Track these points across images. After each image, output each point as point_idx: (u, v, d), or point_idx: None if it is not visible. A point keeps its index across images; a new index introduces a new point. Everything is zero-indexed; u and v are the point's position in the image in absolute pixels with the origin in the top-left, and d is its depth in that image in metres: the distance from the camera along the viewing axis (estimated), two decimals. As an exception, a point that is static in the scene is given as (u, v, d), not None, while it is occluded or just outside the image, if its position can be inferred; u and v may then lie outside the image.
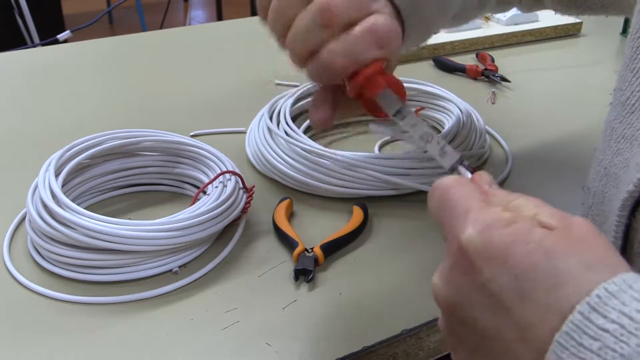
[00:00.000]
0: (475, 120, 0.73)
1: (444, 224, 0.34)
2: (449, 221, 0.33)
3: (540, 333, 0.28)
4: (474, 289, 0.30)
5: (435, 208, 0.35)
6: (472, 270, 0.30)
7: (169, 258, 0.54)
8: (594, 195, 0.47)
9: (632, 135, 0.43)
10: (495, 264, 0.29)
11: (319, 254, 0.55)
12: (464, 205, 0.33)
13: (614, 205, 0.42)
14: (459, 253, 0.31)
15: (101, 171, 0.62)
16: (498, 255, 0.29)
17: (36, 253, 0.55)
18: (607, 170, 0.45)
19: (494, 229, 0.30)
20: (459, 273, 0.31)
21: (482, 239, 0.30)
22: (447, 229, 0.33)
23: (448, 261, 0.33)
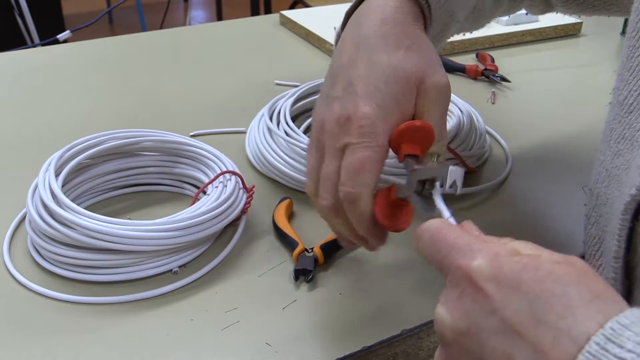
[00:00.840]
0: (475, 121, 0.73)
1: (442, 259, 0.34)
2: (449, 255, 0.34)
3: (554, 354, 0.28)
4: (485, 315, 0.31)
5: (429, 247, 0.36)
6: (482, 297, 0.31)
7: (169, 258, 0.54)
8: (597, 197, 0.47)
9: (632, 135, 0.43)
10: (507, 289, 0.30)
11: (319, 254, 0.55)
12: (464, 240, 0.34)
13: (616, 207, 0.42)
14: (467, 281, 0.32)
15: (101, 171, 0.62)
16: (510, 282, 0.30)
17: (36, 253, 0.55)
18: (609, 172, 0.45)
19: (503, 257, 0.31)
20: (467, 301, 0.32)
21: (493, 266, 0.31)
22: (448, 262, 0.34)
23: (453, 292, 0.33)
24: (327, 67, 0.51)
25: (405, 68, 0.47)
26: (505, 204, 0.66)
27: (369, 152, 0.45)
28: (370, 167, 0.45)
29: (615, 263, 0.41)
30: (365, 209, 0.45)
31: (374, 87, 0.46)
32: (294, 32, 1.12)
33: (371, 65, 0.47)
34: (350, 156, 0.45)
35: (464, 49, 1.04)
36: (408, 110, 0.47)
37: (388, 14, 0.49)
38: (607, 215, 0.45)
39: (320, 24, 1.09)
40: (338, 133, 0.46)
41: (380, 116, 0.45)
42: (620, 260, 0.41)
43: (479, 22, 0.64)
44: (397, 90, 0.46)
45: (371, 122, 0.45)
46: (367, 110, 0.45)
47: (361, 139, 0.45)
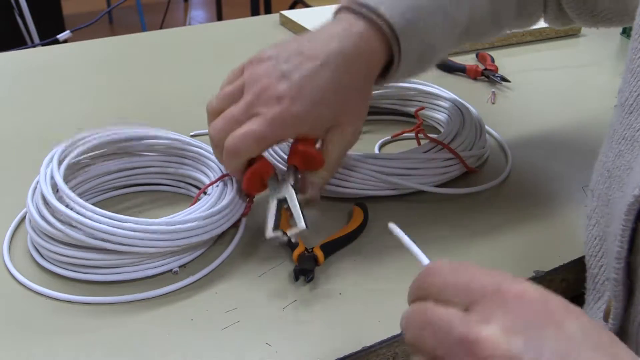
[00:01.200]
0: (475, 121, 0.73)
1: (464, 291, 0.33)
2: (476, 285, 0.33)
3: None
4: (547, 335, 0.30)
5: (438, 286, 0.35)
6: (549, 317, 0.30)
7: (169, 258, 0.54)
8: (598, 197, 0.47)
9: (632, 136, 0.43)
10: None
11: (319, 254, 0.55)
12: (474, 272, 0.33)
13: (619, 208, 0.42)
14: (517, 297, 0.31)
15: (101, 171, 0.62)
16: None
17: (36, 252, 0.55)
18: (610, 173, 0.45)
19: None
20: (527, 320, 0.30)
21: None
22: (476, 289, 0.32)
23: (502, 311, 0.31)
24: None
25: (340, 107, 0.54)
26: (505, 204, 0.66)
27: (270, 133, 0.51)
28: (263, 142, 0.52)
29: (617, 264, 0.41)
30: (237, 165, 0.54)
31: (312, 99, 0.52)
32: (294, 32, 1.12)
33: (323, 80, 0.53)
34: (255, 123, 0.51)
35: (464, 49, 1.04)
36: (316, 133, 0.55)
37: (364, 45, 0.54)
38: (609, 216, 0.45)
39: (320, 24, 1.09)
40: (262, 97, 0.52)
41: (298, 121, 0.52)
42: (623, 261, 0.41)
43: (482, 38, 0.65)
44: (322, 116, 0.54)
45: (290, 119, 0.52)
46: (294, 109, 0.51)
47: (273, 121, 0.51)
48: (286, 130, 0.53)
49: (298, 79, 0.52)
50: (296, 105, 0.51)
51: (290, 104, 0.51)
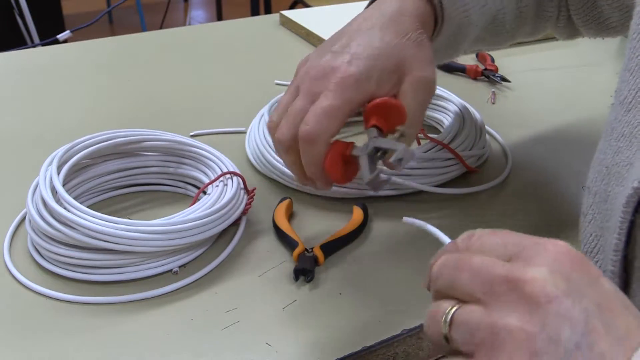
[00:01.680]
0: (475, 120, 0.73)
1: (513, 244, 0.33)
2: (520, 241, 0.33)
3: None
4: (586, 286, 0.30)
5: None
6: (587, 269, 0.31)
7: (169, 258, 0.54)
8: (595, 194, 0.48)
9: (631, 132, 0.43)
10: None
11: (319, 254, 0.55)
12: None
13: (618, 202, 0.42)
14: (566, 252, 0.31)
15: (101, 171, 0.62)
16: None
17: (36, 253, 0.55)
18: (609, 169, 0.46)
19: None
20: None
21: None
22: (519, 243, 0.32)
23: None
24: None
25: (400, 54, 0.52)
26: (505, 203, 0.66)
27: (339, 102, 0.49)
28: (336, 115, 0.49)
29: (614, 256, 0.42)
30: (318, 153, 0.49)
31: (367, 55, 0.50)
32: (294, 32, 1.12)
33: (375, 38, 0.52)
34: (322, 101, 0.49)
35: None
36: (386, 88, 0.51)
37: (408, 6, 0.54)
38: (607, 212, 0.45)
39: (320, 24, 1.09)
40: (319, 78, 0.50)
41: (361, 80, 0.50)
42: (620, 254, 0.42)
43: (500, 35, 0.65)
44: (384, 68, 0.51)
45: (353, 80, 0.49)
46: (353, 69, 0.50)
47: (337, 89, 0.49)
48: (353, 93, 0.50)
49: (348, 46, 0.51)
50: (353, 66, 0.50)
51: (347, 67, 0.50)
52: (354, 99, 0.50)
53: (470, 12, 0.58)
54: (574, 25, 0.69)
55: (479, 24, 0.60)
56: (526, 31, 0.68)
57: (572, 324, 0.28)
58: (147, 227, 0.52)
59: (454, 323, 0.31)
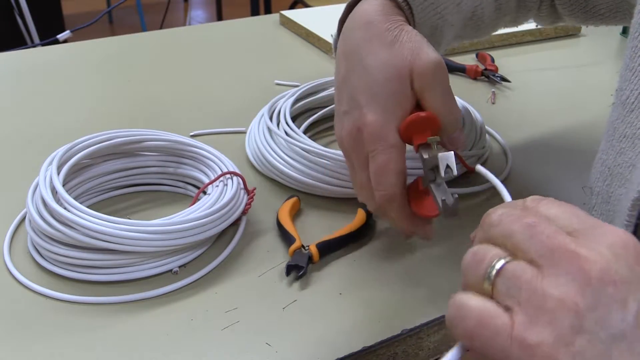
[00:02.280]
0: (475, 120, 0.73)
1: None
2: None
3: None
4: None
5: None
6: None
7: (169, 258, 0.54)
8: (597, 195, 0.47)
9: (634, 134, 0.43)
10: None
11: (314, 252, 0.55)
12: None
13: (622, 205, 0.42)
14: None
15: (101, 171, 0.62)
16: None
17: (36, 253, 0.55)
18: (612, 170, 0.45)
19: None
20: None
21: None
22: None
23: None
24: (327, 67, 0.52)
25: (393, 64, 0.49)
26: (505, 204, 0.66)
27: (385, 155, 0.49)
28: (393, 168, 0.49)
29: None
30: (401, 205, 0.50)
31: (371, 93, 0.49)
32: (294, 32, 1.12)
33: (364, 72, 0.50)
34: (373, 164, 0.49)
35: (464, 49, 1.04)
36: (409, 102, 0.50)
37: (371, 15, 0.51)
38: (610, 213, 0.45)
39: (320, 24, 1.09)
40: (356, 146, 0.50)
41: (385, 119, 0.49)
42: None
43: (480, 30, 0.64)
44: (393, 89, 0.49)
45: (379, 127, 0.48)
46: (371, 118, 0.49)
47: (375, 145, 0.49)
48: (391, 135, 0.49)
49: (350, 101, 0.50)
50: (370, 112, 0.49)
51: (364, 119, 0.49)
52: (392, 141, 0.49)
53: (443, 12, 0.56)
54: (557, 13, 0.68)
55: (456, 23, 0.59)
56: (507, 21, 0.67)
57: (624, 313, 0.27)
58: (147, 227, 0.52)
59: (503, 273, 0.30)
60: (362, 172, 0.51)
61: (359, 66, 0.50)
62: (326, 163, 0.63)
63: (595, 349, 0.27)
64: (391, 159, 0.49)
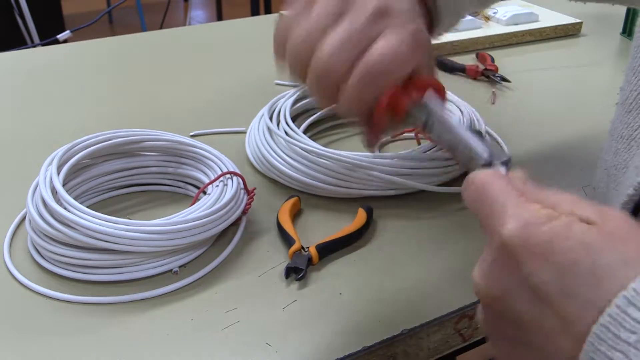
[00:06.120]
0: (475, 121, 0.73)
1: (483, 219, 0.34)
2: (488, 216, 0.33)
3: (580, 325, 0.28)
4: (516, 283, 0.31)
5: (472, 202, 0.35)
6: (513, 265, 0.31)
7: (169, 258, 0.54)
8: (599, 196, 0.47)
9: (630, 135, 0.43)
10: (537, 259, 0.30)
11: (314, 254, 0.55)
12: (502, 201, 0.33)
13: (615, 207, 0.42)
14: (500, 248, 0.31)
15: (101, 171, 0.62)
16: (539, 251, 0.30)
17: (36, 253, 0.55)
18: (609, 172, 0.45)
19: (534, 226, 0.30)
20: (500, 268, 0.32)
21: (523, 235, 0.30)
22: (486, 223, 0.33)
23: (489, 256, 0.32)
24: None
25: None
26: (505, 204, 0.66)
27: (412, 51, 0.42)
28: (407, 65, 0.42)
29: None
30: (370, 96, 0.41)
31: (419, 26, 0.44)
32: (294, 32, 1.12)
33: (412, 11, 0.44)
34: (395, 38, 0.41)
35: (464, 49, 1.04)
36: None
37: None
38: None
39: None
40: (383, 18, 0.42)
41: (427, 42, 0.44)
42: None
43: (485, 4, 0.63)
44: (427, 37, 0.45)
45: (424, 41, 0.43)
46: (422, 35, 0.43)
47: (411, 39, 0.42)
48: (421, 52, 0.43)
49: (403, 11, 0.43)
50: (420, 32, 0.43)
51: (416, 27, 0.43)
52: (420, 58, 0.43)
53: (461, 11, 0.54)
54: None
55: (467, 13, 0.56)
56: None
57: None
58: (147, 227, 0.52)
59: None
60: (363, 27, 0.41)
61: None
62: (326, 163, 0.63)
63: None
64: (409, 60, 0.41)
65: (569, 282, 0.29)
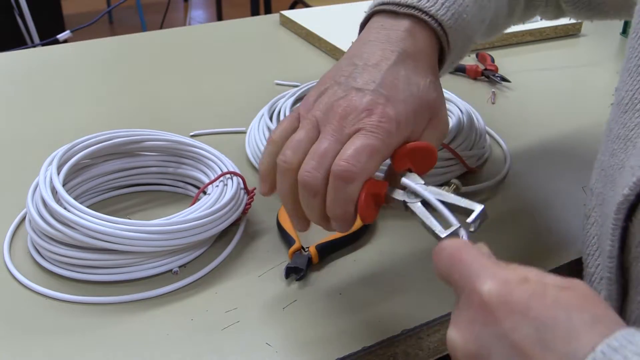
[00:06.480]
0: (475, 120, 0.73)
1: (457, 281, 0.35)
2: (464, 278, 0.35)
3: None
4: (495, 339, 0.32)
5: (445, 267, 0.37)
6: (493, 322, 0.32)
7: (169, 258, 0.54)
8: (597, 197, 0.47)
9: (626, 135, 0.43)
10: (516, 315, 0.31)
11: (314, 254, 0.55)
12: (479, 263, 0.35)
13: (610, 208, 0.42)
14: (479, 306, 0.33)
15: (101, 171, 0.62)
16: (519, 308, 0.32)
17: (36, 253, 0.55)
18: (605, 172, 0.45)
19: (512, 284, 0.33)
20: (479, 325, 0.33)
21: (502, 293, 0.32)
22: (462, 284, 0.35)
23: (466, 315, 0.34)
24: (327, 67, 0.51)
25: (430, 96, 0.49)
26: (504, 203, 0.66)
27: (380, 144, 0.45)
28: (376, 157, 0.45)
29: (609, 262, 0.42)
30: (353, 192, 0.45)
31: (402, 98, 0.47)
32: (294, 32, 1.12)
33: (404, 80, 0.48)
34: (361, 140, 0.44)
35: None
36: (418, 133, 0.49)
37: (420, 42, 0.50)
38: (603, 216, 0.45)
39: (320, 24, 1.09)
40: (353, 120, 0.45)
41: (401, 124, 0.46)
42: (615, 260, 0.41)
43: (492, 34, 0.65)
44: (418, 111, 0.48)
45: (395, 124, 0.46)
46: (392, 113, 0.46)
47: (378, 131, 0.45)
48: (393, 137, 0.46)
49: (376, 85, 0.47)
50: (391, 108, 0.46)
51: (384, 109, 0.46)
52: (393, 142, 0.46)
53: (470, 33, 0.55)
54: (561, 9, 0.68)
55: (478, 37, 0.58)
56: (513, 22, 0.67)
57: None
58: (147, 227, 0.52)
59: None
60: (331, 140, 0.45)
61: (401, 72, 0.48)
62: (326, 163, 0.63)
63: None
64: (381, 151, 0.45)
65: (548, 336, 0.30)
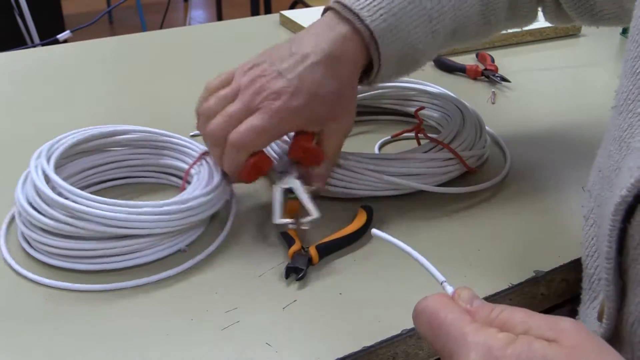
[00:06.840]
0: (475, 120, 0.73)
1: (441, 351, 0.35)
2: (446, 345, 0.34)
3: None
4: None
5: (426, 333, 0.36)
6: None
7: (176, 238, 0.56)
8: (595, 198, 0.47)
9: (620, 136, 0.43)
10: None
11: (314, 254, 0.55)
12: (458, 328, 0.34)
13: (607, 209, 0.42)
14: None
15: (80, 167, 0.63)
16: None
17: (26, 244, 0.56)
18: (603, 173, 0.46)
19: (497, 351, 0.31)
20: None
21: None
22: (446, 353, 0.34)
23: None
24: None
25: (336, 102, 0.56)
26: (504, 203, 0.66)
27: (270, 126, 0.54)
28: (264, 136, 0.55)
29: (607, 264, 0.41)
30: (239, 159, 0.55)
31: (310, 93, 0.54)
32: (294, 32, 1.12)
33: (318, 77, 0.55)
34: (256, 118, 0.53)
35: (464, 49, 1.04)
36: (312, 128, 0.57)
37: (349, 50, 0.56)
38: (601, 217, 0.45)
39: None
40: (260, 94, 0.54)
41: (297, 115, 0.54)
42: (612, 262, 0.41)
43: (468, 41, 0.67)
44: (319, 112, 0.56)
45: (290, 113, 0.54)
46: (294, 103, 0.54)
47: (273, 115, 0.53)
48: (286, 124, 0.55)
49: (294, 75, 0.54)
50: (295, 99, 0.54)
51: (289, 98, 0.54)
52: (285, 128, 0.56)
53: (414, 43, 0.58)
54: (567, 15, 0.69)
55: (432, 47, 0.61)
56: (500, 29, 0.69)
57: None
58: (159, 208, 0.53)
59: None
60: (240, 108, 0.54)
61: (321, 72, 0.55)
62: (326, 163, 0.63)
63: None
64: (270, 132, 0.54)
65: None
